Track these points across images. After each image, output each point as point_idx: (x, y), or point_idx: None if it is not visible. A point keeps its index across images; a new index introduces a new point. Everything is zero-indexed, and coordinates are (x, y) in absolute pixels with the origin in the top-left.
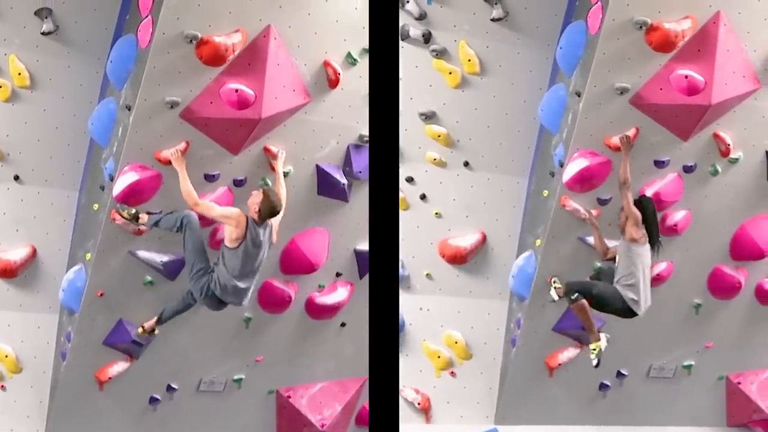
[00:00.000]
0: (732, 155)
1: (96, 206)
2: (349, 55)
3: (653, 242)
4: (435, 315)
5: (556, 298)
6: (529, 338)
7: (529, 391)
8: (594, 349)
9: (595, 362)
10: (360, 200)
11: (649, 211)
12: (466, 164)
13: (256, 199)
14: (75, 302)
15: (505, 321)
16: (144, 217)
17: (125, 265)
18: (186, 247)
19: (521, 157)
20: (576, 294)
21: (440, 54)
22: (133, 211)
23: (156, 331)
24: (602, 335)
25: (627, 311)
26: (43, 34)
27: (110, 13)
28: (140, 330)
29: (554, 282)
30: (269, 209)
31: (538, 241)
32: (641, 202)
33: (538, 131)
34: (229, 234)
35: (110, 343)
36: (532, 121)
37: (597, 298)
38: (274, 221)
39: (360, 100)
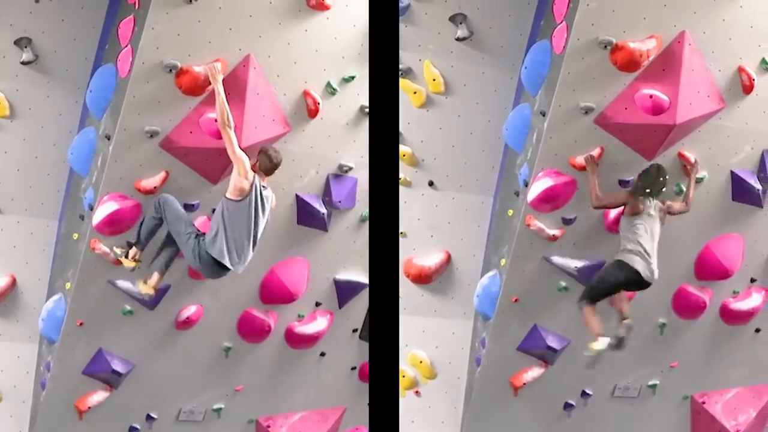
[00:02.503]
0: (697, 175)
1: (76, 236)
2: (328, 84)
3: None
4: (400, 334)
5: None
6: (493, 357)
7: (494, 411)
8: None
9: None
10: (339, 230)
11: (651, 175)
12: (431, 184)
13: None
14: (54, 332)
15: (470, 340)
16: (134, 250)
17: (105, 294)
18: (169, 223)
19: (486, 177)
20: (581, 302)
21: (405, 73)
22: (124, 248)
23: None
24: (603, 339)
25: (632, 282)
26: (22, 63)
27: (90, 43)
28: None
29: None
30: (267, 163)
31: (503, 261)
32: (647, 172)
33: (502, 151)
34: (235, 183)
35: (90, 373)
36: (496, 140)
37: (603, 286)
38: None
39: (339, 129)
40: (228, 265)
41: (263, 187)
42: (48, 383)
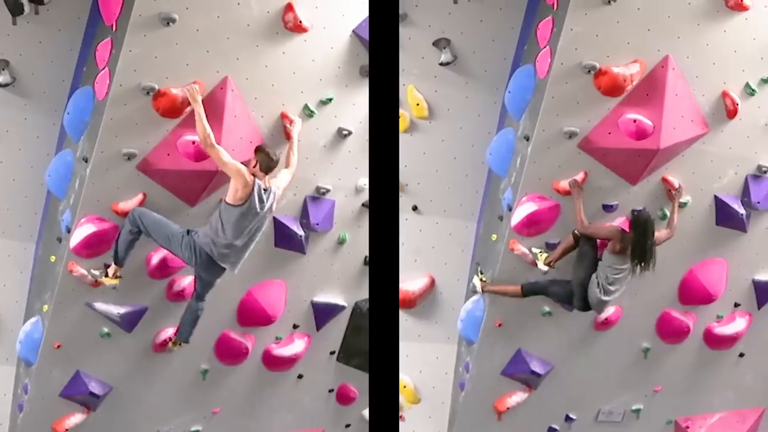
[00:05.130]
0: (680, 200)
1: (53, 258)
2: (306, 107)
3: (635, 259)
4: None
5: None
6: (477, 382)
7: None
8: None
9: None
10: (317, 252)
11: (639, 229)
12: (415, 208)
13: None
14: (32, 354)
15: (454, 365)
16: (113, 267)
17: (82, 317)
18: (152, 232)
19: (470, 201)
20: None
21: None
22: (100, 269)
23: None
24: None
25: (583, 304)
26: (0, 86)
27: (67, 65)
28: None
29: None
30: (266, 161)
31: None
32: (635, 220)
33: (486, 175)
34: (234, 191)
35: (67, 395)
36: (480, 165)
37: (553, 296)
38: (279, 185)
39: (317, 152)
40: (222, 265)
41: (264, 190)
42: (25, 405)
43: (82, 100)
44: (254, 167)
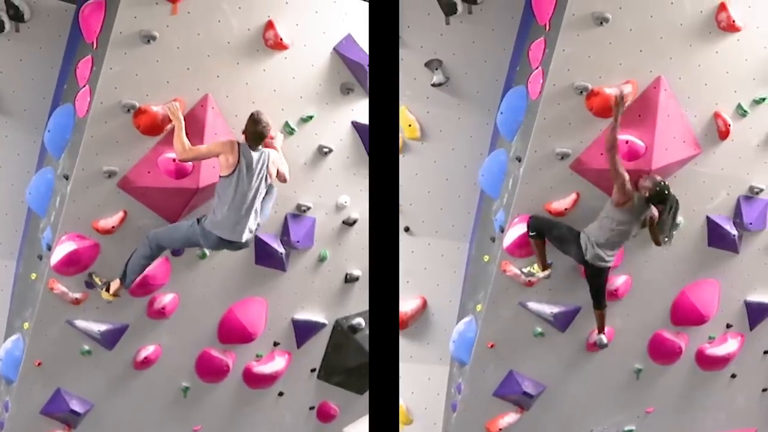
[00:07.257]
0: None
1: (34, 276)
2: (286, 124)
3: (663, 233)
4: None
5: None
6: (469, 403)
7: None
8: (531, 271)
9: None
10: (298, 269)
11: (668, 210)
12: (407, 229)
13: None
14: (13, 372)
15: (446, 386)
16: (115, 284)
17: (63, 334)
18: (175, 244)
19: (462, 222)
20: (534, 233)
21: None
22: (104, 280)
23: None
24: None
25: (581, 258)
26: None
27: (48, 83)
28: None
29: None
30: (254, 130)
31: (479, 307)
32: (662, 198)
33: (478, 196)
34: (225, 161)
35: (48, 413)
36: (472, 186)
37: (556, 240)
38: (279, 160)
39: (298, 169)
40: (229, 239)
41: (254, 151)
42: (6, 423)
43: (62, 117)
44: (243, 134)
